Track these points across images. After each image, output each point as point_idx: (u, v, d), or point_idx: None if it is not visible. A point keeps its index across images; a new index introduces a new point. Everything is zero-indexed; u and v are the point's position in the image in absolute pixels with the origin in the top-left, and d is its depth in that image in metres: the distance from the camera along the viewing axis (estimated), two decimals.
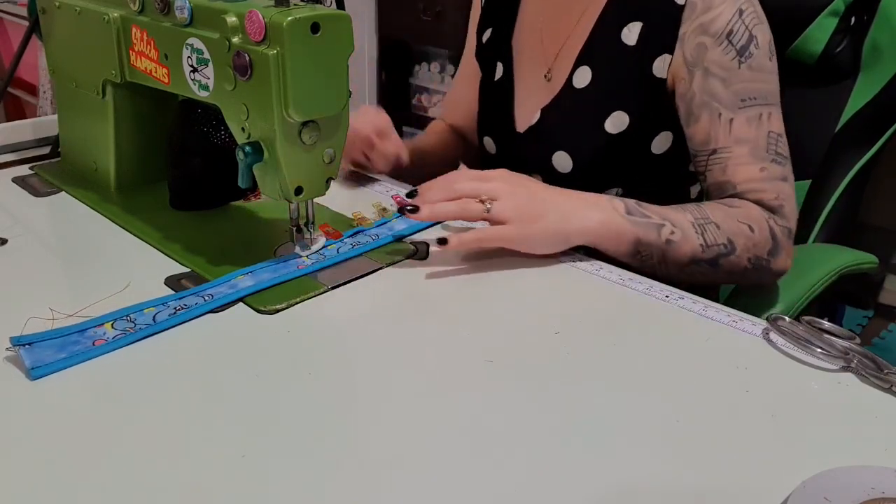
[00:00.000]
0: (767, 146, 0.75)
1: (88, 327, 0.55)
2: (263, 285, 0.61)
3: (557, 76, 0.86)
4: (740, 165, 0.75)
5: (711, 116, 0.76)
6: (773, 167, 0.75)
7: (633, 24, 0.79)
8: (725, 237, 0.71)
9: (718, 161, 0.77)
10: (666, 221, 0.70)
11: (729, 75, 0.75)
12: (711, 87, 0.76)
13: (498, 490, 0.41)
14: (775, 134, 0.76)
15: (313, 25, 0.55)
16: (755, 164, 0.75)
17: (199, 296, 0.60)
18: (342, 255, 0.67)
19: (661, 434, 0.46)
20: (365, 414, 0.48)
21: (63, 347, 0.52)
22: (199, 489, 0.41)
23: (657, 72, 0.79)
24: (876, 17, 0.98)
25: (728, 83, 0.75)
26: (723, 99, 0.75)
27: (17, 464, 0.42)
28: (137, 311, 0.57)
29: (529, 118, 0.88)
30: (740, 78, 0.75)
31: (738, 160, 0.75)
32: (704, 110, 0.76)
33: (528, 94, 0.90)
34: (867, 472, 0.41)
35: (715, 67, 0.75)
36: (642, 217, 0.69)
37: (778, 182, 0.76)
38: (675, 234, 0.70)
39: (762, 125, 0.75)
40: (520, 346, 0.56)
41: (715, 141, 0.76)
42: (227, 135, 0.74)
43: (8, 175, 0.86)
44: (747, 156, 0.75)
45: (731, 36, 0.74)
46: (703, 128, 0.77)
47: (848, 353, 0.53)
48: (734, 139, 0.75)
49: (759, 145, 0.75)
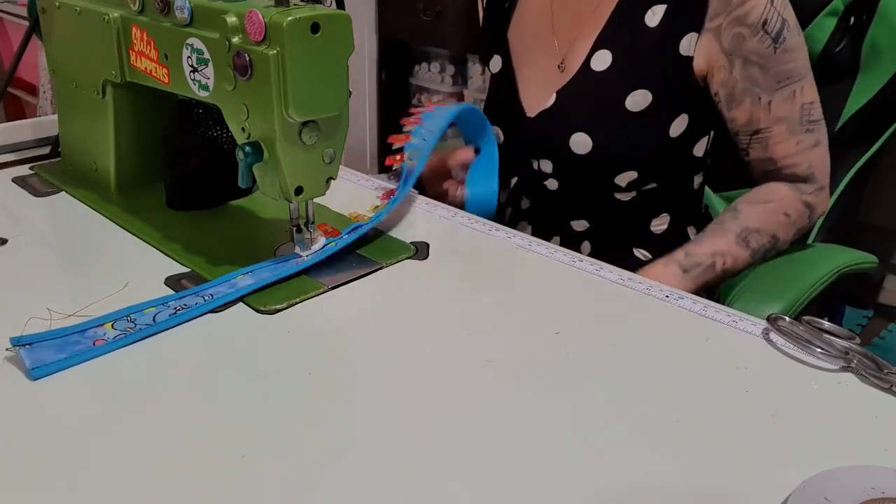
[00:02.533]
0: (801, 118, 0.83)
1: (89, 327, 0.54)
2: (263, 283, 0.61)
3: (572, 63, 0.88)
4: (779, 143, 0.84)
5: (753, 100, 0.83)
6: (806, 137, 0.84)
7: (658, 7, 0.82)
8: (769, 235, 0.83)
9: (759, 140, 0.85)
10: (716, 257, 0.81)
11: (766, 62, 0.81)
12: (752, 74, 0.81)
13: (498, 490, 0.41)
14: (808, 104, 0.83)
15: (313, 25, 0.55)
16: (791, 138, 0.83)
17: (199, 296, 0.60)
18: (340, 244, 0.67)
19: (661, 434, 0.46)
20: (365, 414, 0.48)
21: (63, 348, 0.52)
22: (199, 489, 0.41)
23: (684, 50, 0.82)
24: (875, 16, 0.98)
25: (766, 69, 0.81)
26: (762, 83, 0.82)
27: (18, 464, 0.42)
28: (138, 311, 0.57)
29: (540, 103, 0.89)
30: (776, 62, 0.81)
31: (777, 138, 0.84)
32: (747, 96, 0.83)
33: (535, 82, 0.91)
34: (867, 472, 0.41)
35: (753, 56, 0.80)
36: (695, 267, 0.81)
37: (810, 151, 0.85)
38: (726, 262, 0.81)
39: (796, 101, 0.83)
40: (520, 345, 0.56)
41: (757, 122, 0.84)
42: (223, 134, 0.75)
43: (8, 175, 0.86)
44: (785, 132, 0.83)
45: (766, 25, 0.79)
46: (745, 111, 0.83)
47: (848, 353, 0.53)
48: (773, 118, 0.83)
49: (794, 120, 0.83)
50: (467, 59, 2.61)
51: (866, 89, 1.00)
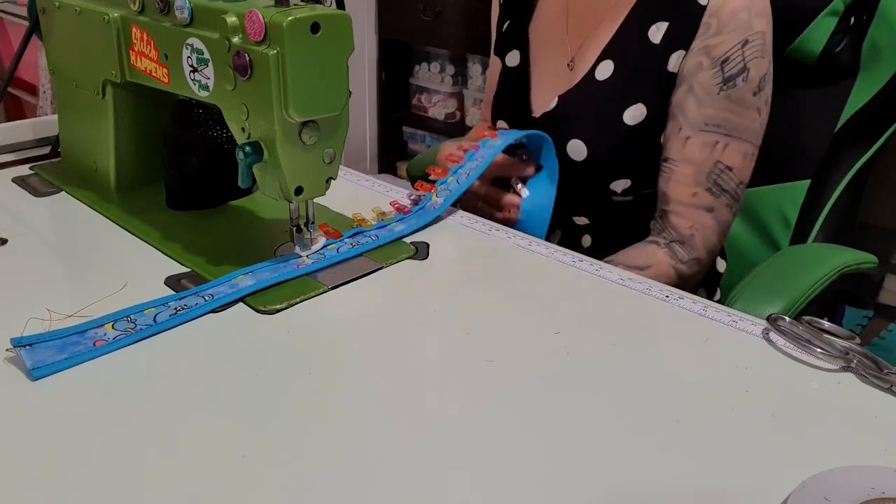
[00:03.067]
0: (709, 174, 0.81)
1: (89, 328, 0.54)
2: (264, 284, 0.61)
3: (580, 66, 0.88)
4: (679, 183, 0.82)
5: (674, 127, 0.82)
6: (704, 195, 0.82)
7: (661, 24, 0.82)
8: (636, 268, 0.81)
9: (666, 170, 0.84)
10: None
11: (706, 98, 0.79)
12: (686, 103, 0.81)
13: (498, 490, 0.41)
14: (723, 165, 0.81)
15: (313, 25, 0.55)
16: (691, 187, 0.82)
17: (200, 296, 0.60)
18: (342, 255, 0.67)
19: (661, 434, 0.46)
20: (365, 414, 0.48)
21: (63, 348, 0.52)
22: (199, 489, 0.41)
23: (671, 66, 0.82)
24: (875, 17, 0.98)
25: (701, 104, 0.80)
26: (689, 117, 0.80)
27: (18, 464, 0.42)
28: (138, 311, 0.57)
29: (546, 104, 0.90)
30: (714, 104, 0.79)
31: (679, 177, 0.82)
32: (671, 120, 0.82)
33: (546, 81, 0.92)
34: (867, 472, 0.41)
35: (698, 88, 0.80)
36: None
37: (700, 211, 0.83)
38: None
39: (714, 153, 0.80)
40: (520, 345, 0.56)
41: (668, 150, 0.83)
42: (223, 134, 0.75)
43: (8, 175, 0.86)
44: (689, 176, 0.82)
45: (725, 63, 0.78)
46: (665, 134, 0.83)
47: (848, 353, 0.54)
48: (684, 157, 0.81)
49: (702, 170, 0.81)
50: (467, 59, 2.61)
51: (866, 89, 1.00)
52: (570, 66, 0.89)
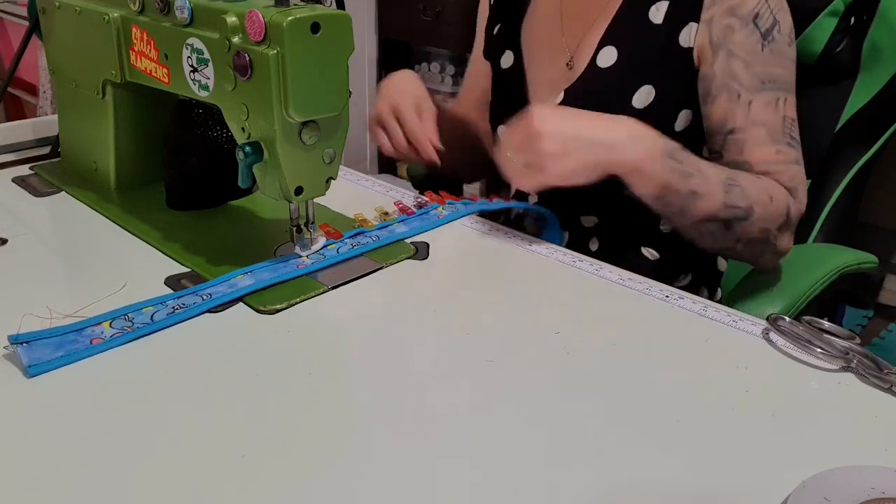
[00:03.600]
0: (783, 129, 0.77)
1: (86, 326, 0.54)
2: (262, 284, 0.61)
3: (580, 63, 0.87)
4: (757, 146, 0.77)
5: (731, 96, 0.78)
6: (788, 150, 0.78)
7: (661, 3, 0.81)
8: (748, 202, 0.73)
9: (735, 141, 0.78)
10: (697, 172, 0.72)
11: (752, 58, 0.77)
12: (733, 69, 0.77)
13: (499, 489, 0.41)
14: (790, 119, 0.78)
15: (313, 25, 0.55)
16: (772, 145, 0.77)
17: (198, 295, 0.60)
18: (342, 255, 0.67)
19: (662, 434, 0.46)
20: (364, 413, 0.48)
21: (60, 346, 0.52)
22: (199, 489, 0.41)
23: (683, 41, 0.80)
24: (875, 17, 0.98)
25: (750, 65, 0.77)
26: (744, 80, 0.77)
27: (15, 461, 0.42)
28: (135, 310, 0.57)
29: (548, 101, 0.89)
30: (762, 61, 0.77)
31: (755, 141, 0.77)
32: (724, 91, 0.78)
33: (545, 82, 0.91)
34: (867, 472, 0.41)
35: (739, 49, 0.77)
36: (677, 163, 0.72)
37: (792, 165, 0.78)
38: (701, 186, 0.72)
39: (779, 109, 0.77)
40: (520, 345, 0.56)
41: (733, 121, 0.78)
42: (223, 134, 0.75)
43: (8, 175, 0.86)
44: (765, 137, 0.77)
45: (758, 19, 0.76)
46: (720, 107, 0.78)
47: (848, 353, 0.54)
48: (752, 120, 0.77)
49: (776, 128, 0.77)
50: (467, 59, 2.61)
51: (866, 89, 1.00)
52: (570, 65, 0.89)
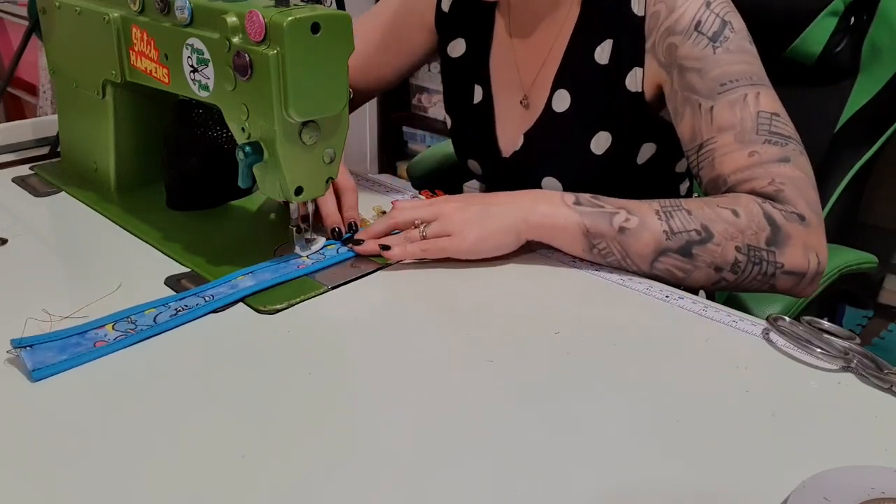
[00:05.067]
0: (757, 128, 0.69)
1: (89, 329, 0.54)
2: (264, 285, 0.61)
3: (535, 102, 0.84)
4: (727, 154, 0.70)
5: (693, 110, 0.72)
6: (765, 149, 0.69)
7: (606, 43, 0.78)
8: (698, 223, 0.66)
9: (706, 155, 0.72)
10: (621, 210, 0.67)
11: (704, 64, 0.71)
12: (689, 81, 0.72)
13: (498, 490, 0.41)
14: (767, 113, 0.70)
15: (313, 25, 0.56)
16: (743, 149, 0.69)
17: (200, 296, 0.60)
18: (342, 256, 0.67)
19: (661, 434, 0.46)
20: (365, 414, 0.48)
21: (64, 349, 0.52)
22: (199, 489, 0.41)
23: (630, 86, 0.77)
24: (875, 17, 0.98)
25: (704, 72, 0.71)
26: (700, 89, 0.71)
27: (19, 464, 0.42)
28: (138, 312, 0.57)
29: (513, 143, 0.86)
30: (716, 63, 0.71)
31: (724, 149, 0.70)
32: (686, 106, 0.73)
33: (507, 119, 0.88)
34: (867, 472, 0.41)
35: (688, 61, 0.72)
36: (593, 207, 0.67)
37: (772, 165, 0.68)
38: (629, 221, 0.66)
39: (747, 107, 0.70)
40: (520, 345, 0.56)
41: (700, 135, 0.72)
42: (223, 134, 0.75)
43: (8, 175, 0.86)
44: (733, 143, 0.70)
45: (700, 26, 0.71)
46: (687, 124, 0.73)
47: (848, 353, 0.54)
48: (718, 127, 0.70)
49: (745, 128, 0.69)
50: None
51: (866, 89, 1.00)
52: (524, 103, 0.85)
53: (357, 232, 0.71)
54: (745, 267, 0.66)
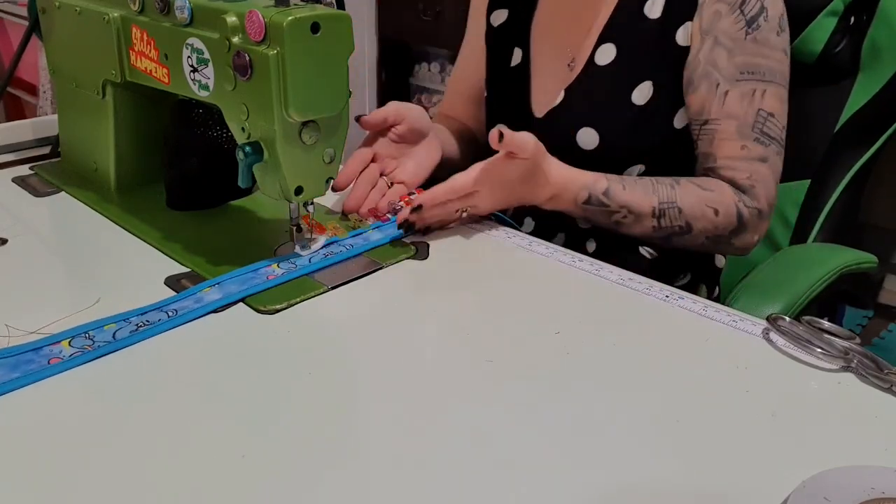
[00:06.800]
0: (754, 124, 0.78)
1: (44, 345, 0.52)
2: (230, 299, 0.59)
3: (580, 62, 0.87)
4: (724, 140, 0.79)
5: (710, 86, 0.79)
6: (754, 147, 0.78)
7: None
8: (684, 220, 0.77)
9: (707, 132, 0.80)
10: (622, 209, 0.77)
11: (734, 46, 0.77)
12: (716, 57, 0.78)
13: (498, 490, 0.41)
14: (765, 113, 0.78)
15: (313, 25, 0.56)
16: (738, 140, 0.78)
17: (163, 311, 0.57)
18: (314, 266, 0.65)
19: (661, 434, 0.46)
20: (365, 414, 0.48)
21: (16, 367, 0.50)
22: (199, 489, 0.41)
23: (680, 40, 0.81)
24: (875, 16, 0.98)
25: (732, 54, 0.77)
26: (724, 70, 0.78)
27: (20, 464, 0.42)
28: (97, 327, 0.55)
29: (550, 102, 0.89)
30: (744, 50, 0.77)
31: (723, 134, 0.79)
32: (704, 80, 0.79)
33: (547, 80, 0.91)
34: (867, 472, 0.41)
35: (723, 37, 0.78)
36: (599, 206, 0.77)
37: (755, 162, 0.79)
38: (626, 218, 0.77)
39: (753, 102, 0.78)
40: (520, 345, 0.56)
41: (708, 112, 0.79)
42: (223, 134, 0.75)
43: (8, 175, 0.86)
44: (733, 132, 0.78)
45: (744, 5, 0.77)
46: (700, 97, 0.80)
47: (848, 353, 0.54)
48: (725, 112, 0.78)
49: (746, 122, 0.78)
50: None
51: (866, 89, 1.00)
52: (571, 66, 0.89)
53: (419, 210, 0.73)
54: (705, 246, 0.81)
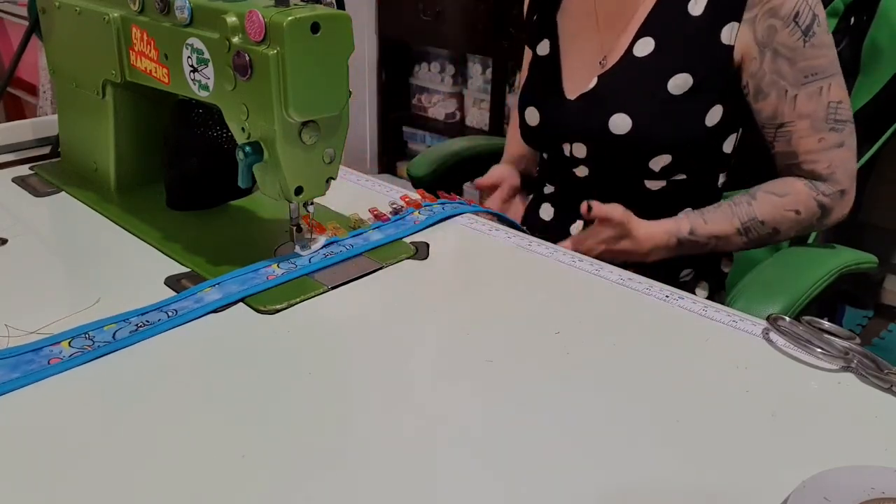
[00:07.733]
0: (826, 117, 0.85)
1: (44, 346, 0.52)
2: (230, 299, 0.59)
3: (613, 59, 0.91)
4: (802, 138, 0.86)
5: (779, 93, 0.85)
6: (830, 136, 0.86)
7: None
8: (770, 228, 0.88)
9: (784, 134, 0.87)
10: (710, 240, 0.88)
11: (794, 55, 0.83)
12: (779, 67, 0.84)
13: (498, 490, 0.41)
14: (835, 103, 0.85)
15: (313, 25, 0.55)
16: (814, 135, 0.86)
17: (163, 311, 0.57)
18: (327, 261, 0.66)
19: (662, 434, 0.46)
20: (365, 414, 0.48)
21: (16, 367, 0.50)
22: (199, 489, 0.41)
23: (725, 38, 0.85)
24: (875, 17, 0.98)
25: (793, 62, 0.84)
26: (789, 77, 0.84)
27: (19, 465, 0.42)
28: (97, 328, 0.55)
29: (582, 86, 0.92)
30: (804, 56, 0.83)
31: (800, 133, 0.86)
32: (773, 88, 0.85)
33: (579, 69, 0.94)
34: (867, 472, 0.41)
35: (783, 49, 0.83)
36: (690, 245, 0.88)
37: (833, 150, 0.86)
38: (717, 244, 0.89)
39: (822, 98, 0.85)
40: (520, 345, 0.56)
41: (781, 116, 0.86)
42: (223, 134, 0.75)
43: (8, 175, 0.86)
44: (808, 129, 0.86)
45: (798, 17, 0.82)
46: (770, 104, 0.86)
47: (848, 353, 0.54)
48: (798, 114, 0.86)
49: (818, 117, 0.85)
50: (467, 59, 2.61)
51: (866, 89, 1.00)
52: (603, 63, 0.92)
53: None
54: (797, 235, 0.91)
